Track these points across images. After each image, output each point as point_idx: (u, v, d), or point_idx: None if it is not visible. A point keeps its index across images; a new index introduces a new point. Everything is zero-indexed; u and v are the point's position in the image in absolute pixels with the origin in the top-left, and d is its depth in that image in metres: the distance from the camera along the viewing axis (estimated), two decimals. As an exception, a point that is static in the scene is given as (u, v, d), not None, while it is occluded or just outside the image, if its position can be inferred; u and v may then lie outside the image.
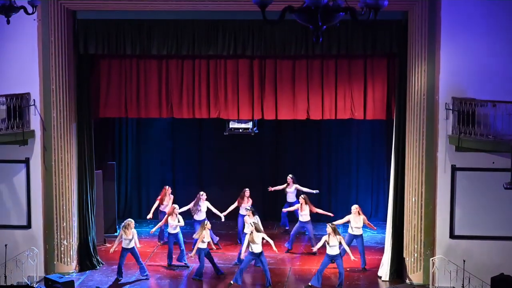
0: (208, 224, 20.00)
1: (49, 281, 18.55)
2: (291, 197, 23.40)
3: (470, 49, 18.76)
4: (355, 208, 20.59)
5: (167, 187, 22.87)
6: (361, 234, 20.68)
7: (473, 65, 18.77)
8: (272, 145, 25.10)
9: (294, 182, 23.34)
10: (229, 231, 23.49)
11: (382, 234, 22.16)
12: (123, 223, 19.87)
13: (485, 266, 18.69)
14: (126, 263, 20.10)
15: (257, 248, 19.16)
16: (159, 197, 22.70)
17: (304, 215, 21.81)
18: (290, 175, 23.39)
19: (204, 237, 19.63)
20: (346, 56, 19.89)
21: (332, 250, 19.15)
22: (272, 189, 23.42)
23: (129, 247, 19.66)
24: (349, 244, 19.99)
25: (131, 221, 19.79)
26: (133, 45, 19.80)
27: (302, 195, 22.15)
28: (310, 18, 9.02)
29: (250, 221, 19.96)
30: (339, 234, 19.32)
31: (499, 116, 18.09)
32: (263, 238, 19.31)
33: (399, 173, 19.78)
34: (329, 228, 19.18)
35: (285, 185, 23.39)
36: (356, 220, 20.47)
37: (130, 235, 19.58)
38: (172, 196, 22.75)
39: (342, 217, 20.74)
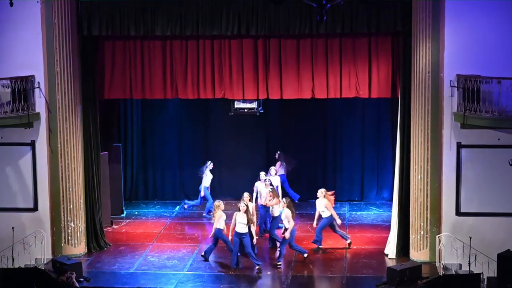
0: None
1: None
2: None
3: (475, 26, 18.71)
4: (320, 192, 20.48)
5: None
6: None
7: (478, 42, 18.74)
8: (278, 125, 25.07)
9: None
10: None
11: (389, 212, 22.20)
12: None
13: (491, 242, 18.71)
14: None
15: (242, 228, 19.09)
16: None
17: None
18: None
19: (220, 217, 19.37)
20: (351, 35, 19.85)
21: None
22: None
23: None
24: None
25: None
26: (137, 26, 19.75)
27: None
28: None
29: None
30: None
31: (504, 93, 18.05)
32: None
33: (405, 151, 19.78)
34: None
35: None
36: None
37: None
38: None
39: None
